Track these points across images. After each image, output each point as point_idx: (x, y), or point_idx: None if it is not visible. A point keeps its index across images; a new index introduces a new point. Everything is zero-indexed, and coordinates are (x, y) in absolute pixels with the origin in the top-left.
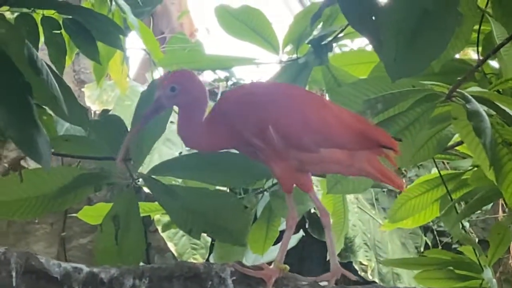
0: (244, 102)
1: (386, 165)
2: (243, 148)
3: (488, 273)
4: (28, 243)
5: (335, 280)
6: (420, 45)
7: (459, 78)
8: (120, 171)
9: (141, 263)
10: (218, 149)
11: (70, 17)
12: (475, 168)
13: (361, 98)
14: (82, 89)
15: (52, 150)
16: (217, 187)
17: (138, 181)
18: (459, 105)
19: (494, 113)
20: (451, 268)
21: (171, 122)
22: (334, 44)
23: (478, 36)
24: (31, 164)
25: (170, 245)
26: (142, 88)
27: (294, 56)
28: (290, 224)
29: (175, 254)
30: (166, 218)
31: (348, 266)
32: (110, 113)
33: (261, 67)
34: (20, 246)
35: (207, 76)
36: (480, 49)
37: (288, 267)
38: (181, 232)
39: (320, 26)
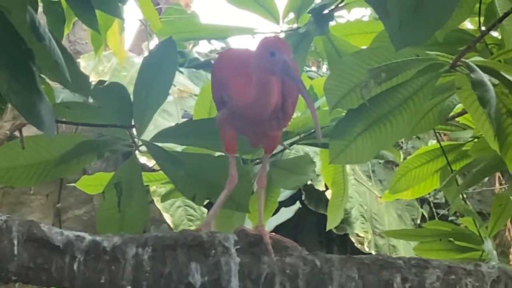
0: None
1: None
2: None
3: (488, 244)
4: (23, 214)
5: None
6: (425, 13)
7: (462, 48)
8: (122, 138)
9: None
10: None
11: None
12: (476, 139)
13: (364, 67)
14: (78, 60)
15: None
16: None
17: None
18: (463, 74)
19: (497, 82)
20: (451, 239)
21: None
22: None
23: (480, 6)
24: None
25: (166, 216)
26: (138, 59)
27: (295, 25)
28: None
29: (171, 225)
30: (163, 189)
31: (344, 238)
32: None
33: (257, 37)
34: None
35: (203, 47)
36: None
37: None
38: (177, 203)
39: None
